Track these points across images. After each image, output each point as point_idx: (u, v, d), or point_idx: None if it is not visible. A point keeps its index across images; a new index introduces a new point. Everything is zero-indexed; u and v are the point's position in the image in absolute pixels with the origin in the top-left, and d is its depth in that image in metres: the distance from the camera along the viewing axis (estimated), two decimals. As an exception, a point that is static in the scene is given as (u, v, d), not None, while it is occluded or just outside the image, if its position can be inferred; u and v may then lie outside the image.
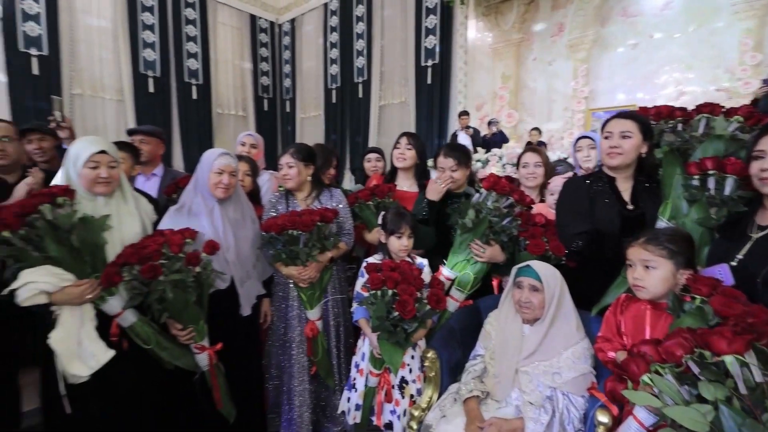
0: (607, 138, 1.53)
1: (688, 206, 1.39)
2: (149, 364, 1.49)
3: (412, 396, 1.59)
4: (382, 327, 1.46)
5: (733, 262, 1.20)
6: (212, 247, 1.48)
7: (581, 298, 1.45)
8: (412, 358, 1.62)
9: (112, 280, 1.33)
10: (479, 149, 5.19)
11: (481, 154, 4.98)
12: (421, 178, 2.12)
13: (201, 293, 1.47)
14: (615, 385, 0.93)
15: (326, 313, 1.90)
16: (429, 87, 6.43)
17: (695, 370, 0.81)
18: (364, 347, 1.67)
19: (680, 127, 1.50)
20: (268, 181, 2.50)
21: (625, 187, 1.57)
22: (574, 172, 2.28)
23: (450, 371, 1.56)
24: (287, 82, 8.61)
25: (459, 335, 1.64)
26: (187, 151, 6.98)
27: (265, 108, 8.49)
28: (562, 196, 1.70)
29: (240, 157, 2.02)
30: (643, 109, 1.62)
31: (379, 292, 1.47)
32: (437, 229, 1.87)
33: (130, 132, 2.54)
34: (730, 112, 1.43)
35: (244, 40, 8.04)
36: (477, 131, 5.87)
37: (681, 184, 1.41)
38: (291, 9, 8.27)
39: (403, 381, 1.59)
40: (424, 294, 1.49)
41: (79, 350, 1.34)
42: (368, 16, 7.09)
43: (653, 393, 0.83)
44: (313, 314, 1.80)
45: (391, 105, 7.10)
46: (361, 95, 7.34)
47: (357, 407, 1.63)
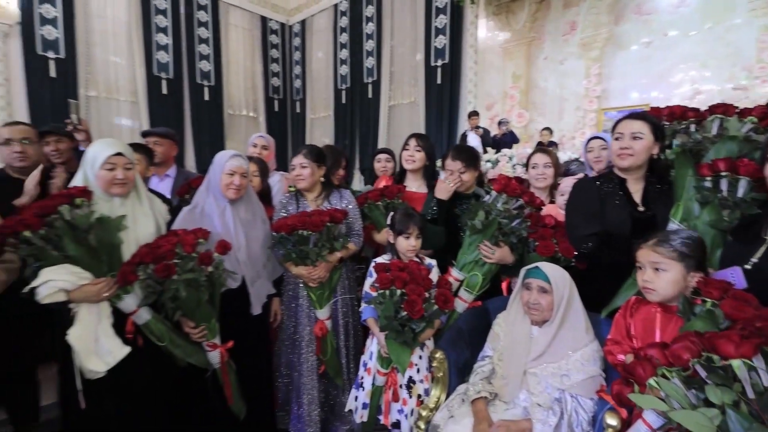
0: (617, 139, 1.51)
1: (700, 208, 1.37)
2: (163, 361, 1.53)
3: (419, 396, 1.60)
4: (390, 326, 1.48)
5: (747, 266, 1.16)
6: (224, 246, 1.51)
7: (591, 300, 1.44)
8: (420, 358, 1.63)
9: (128, 279, 1.36)
10: (489, 149, 5.15)
11: (491, 154, 4.95)
12: (430, 179, 2.12)
13: (213, 292, 1.51)
14: (622, 388, 0.92)
15: (335, 313, 1.92)
16: (439, 87, 6.39)
17: (702, 373, 0.80)
18: (373, 346, 1.68)
19: (693, 127, 1.47)
20: (278, 182, 2.53)
21: (636, 189, 1.55)
22: (586, 173, 2.26)
23: (458, 372, 1.56)
24: (297, 83, 8.65)
25: (467, 336, 1.64)
26: (199, 151, 7.08)
27: (276, 109, 8.54)
28: (572, 197, 1.68)
29: (249, 158, 2.05)
30: (656, 110, 1.60)
31: (387, 292, 1.49)
32: (446, 230, 1.87)
33: (145, 134, 2.60)
34: (744, 113, 1.40)
35: (255, 42, 8.09)
36: (487, 131, 5.82)
37: (693, 185, 1.39)
38: (301, 10, 8.31)
39: (411, 381, 1.60)
40: (432, 294, 1.50)
41: (96, 347, 1.37)
42: (378, 17, 7.08)
43: (660, 396, 0.83)
44: (323, 314, 1.82)
45: (401, 105, 7.08)
46: (370, 95, 7.33)
47: (364, 406, 1.64)
